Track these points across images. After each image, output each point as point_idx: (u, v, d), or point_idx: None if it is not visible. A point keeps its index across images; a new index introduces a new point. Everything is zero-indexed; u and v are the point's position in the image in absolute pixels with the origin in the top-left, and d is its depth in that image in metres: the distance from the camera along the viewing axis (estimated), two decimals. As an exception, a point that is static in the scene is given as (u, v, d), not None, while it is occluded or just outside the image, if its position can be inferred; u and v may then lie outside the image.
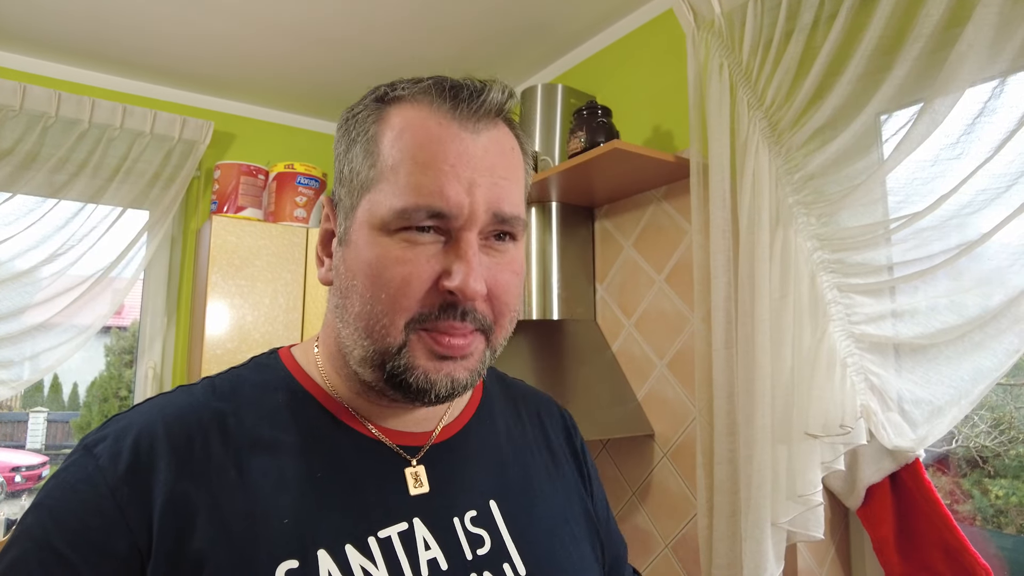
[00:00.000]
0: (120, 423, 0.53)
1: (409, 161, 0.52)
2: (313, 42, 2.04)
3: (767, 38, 1.32)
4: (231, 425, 0.54)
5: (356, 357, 0.55)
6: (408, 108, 0.54)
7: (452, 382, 0.54)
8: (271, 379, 0.59)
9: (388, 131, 0.54)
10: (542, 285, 1.86)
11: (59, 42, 2.02)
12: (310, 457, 0.54)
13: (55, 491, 0.50)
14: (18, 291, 1.99)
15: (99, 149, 2.12)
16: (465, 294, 0.51)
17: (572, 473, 0.71)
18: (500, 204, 0.53)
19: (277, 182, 2.24)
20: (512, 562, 0.57)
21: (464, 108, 0.53)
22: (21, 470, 2.55)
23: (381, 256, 0.52)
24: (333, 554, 0.50)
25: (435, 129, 0.53)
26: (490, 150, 0.54)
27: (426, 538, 0.55)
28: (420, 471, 0.58)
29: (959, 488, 1.33)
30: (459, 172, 0.52)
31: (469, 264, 0.51)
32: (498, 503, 0.60)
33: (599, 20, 1.91)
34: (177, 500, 0.49)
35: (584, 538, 0.66)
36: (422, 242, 0.52)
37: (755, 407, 1.25)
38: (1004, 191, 1.04)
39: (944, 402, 1.12)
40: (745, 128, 1.34)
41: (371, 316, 0.52)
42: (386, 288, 0.52)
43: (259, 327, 2.08)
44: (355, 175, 0.55)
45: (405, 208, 0.51)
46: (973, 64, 1.01)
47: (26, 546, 0.47)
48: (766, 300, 1.26)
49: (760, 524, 1.21)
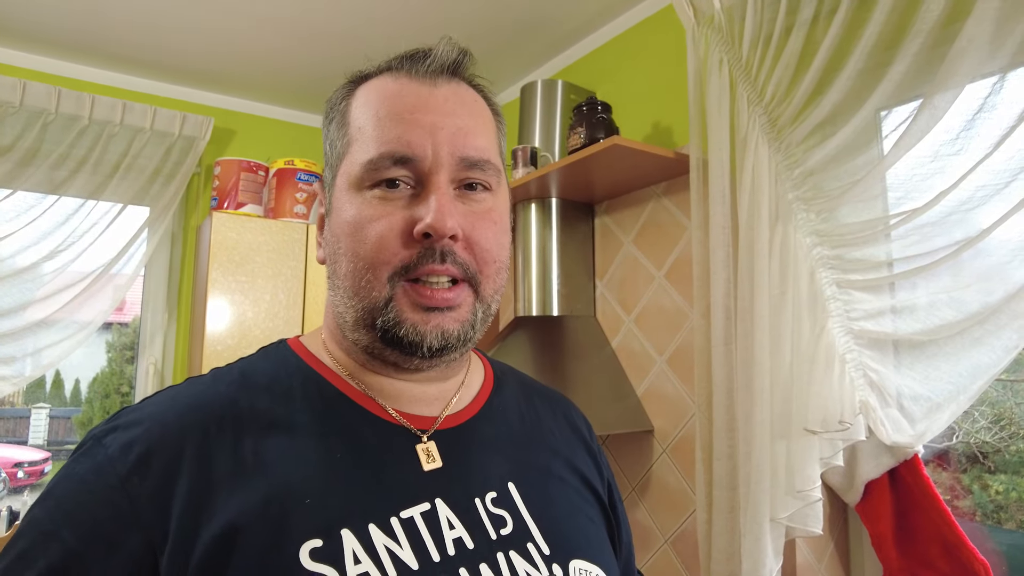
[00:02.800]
0: (131, 415, 0.53)
1: (373, 118, 0.56)
2: (313, 37, 2.03)
3: (767, 33, 1.32)
4: (244, 410, 0.54)
5: (350, 322, 0.56)
6: (372, 81, 0.59)
7: (443, 334, 0.54)
8: (281, 364, 0.60)
9: (355, 102, 0.58)
10: (542, 281, 1.86)
11: (59, 38, 2.02)
12: (327, 438, 0.54)
13: (63, 482, 0.49)
14: (19, 287, 1.99)
15: (99, 145, 2.11)
16: (436, 230, 0.52)
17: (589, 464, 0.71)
18: (465, 148, 0.55)
19: (277, 178, 2.24)
20: (535, 541, 0.57)
21: (419, 67, 0.57)
22: (23, 466, 2.57)
23: (357, 214, 0.54)
24: (357, 533, 0.50)
25: (394, 87, 0.57)
26: (450, 99, 0.57)
27: (449, 518, 0.54)
28: (431, 447, 0.58)
29: (959, 484, 1.33)
30: (419, 118, 0.55)
31: (439, 202, 0.53)
32: (516, 485, 0.60)
33: (599, 16, 1.91)
34: (194, 489, 0.48)
35: (601, 524, 0.66)
36: (394, 197, 0.54)
37: (754, 403, 1.25)
38: (1004, 187, 1.04)
39: (943, 398, 1.12)
40: (745, 124, 1.33)
41: (356, 273, 0.54)
42: (364, 243, 0.54)
43: (259, 323, 2.08)
44: (333, 148, 0.59)
45: (371, 159, 0.54)
46: (973, 60, 1.01)
47: (33, 538, 0.46)
48: (765, 296, 1.26)
49: (759, 520, 1.21)
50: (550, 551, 0.57)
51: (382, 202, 0.54)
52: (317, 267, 2.20)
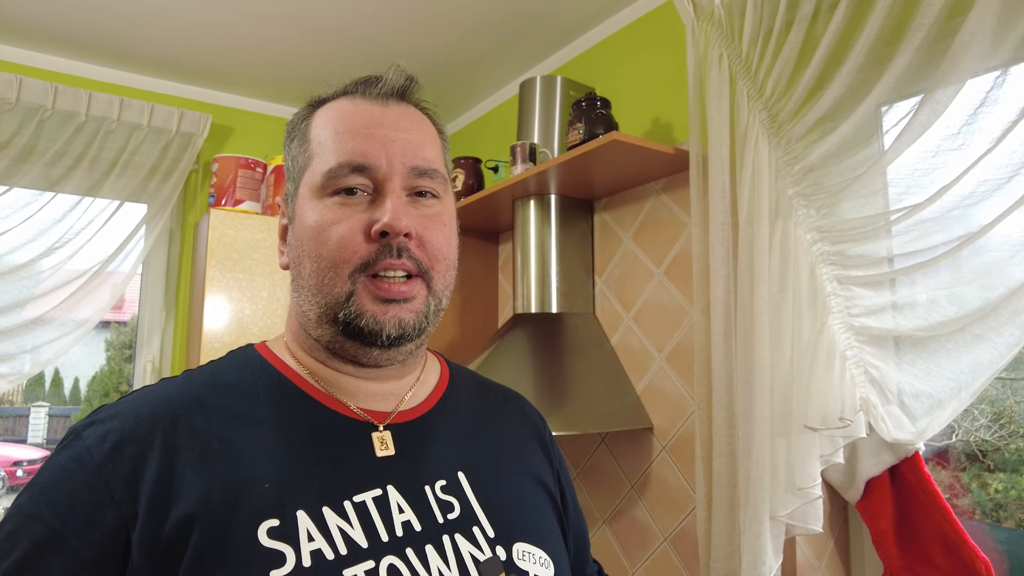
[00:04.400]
0: (108, 410, 0.57)
1: (332, 133, 0.62)
2: (311, 34, 2.03)
3: (767, 28, 1.31)
4: (212, 405, 0.59)
5: (313, 319, 0.62)
6: (330, 104, 0.66)
7: (400, 322, 0.60)
8: (247, 366, 0.65)
9: (315, 121, 0.65)
10: (541, 278, 1.85)
11: (56, 34, 2.01)
12: (287, 430, 0.59)
13: (46, 471, 0.54)
14: (17, 285, 1.99)
15: (96, 142, 2.11)
16: (393, 228, 0.58)
17: (540, 458, 0.76)
18: (415, 159, 0.62)
19: (275, 175, 2.23)
20: (481, 525, 0.62)
21: (372, 90, 0.65)
22: (22, 464, 2.56)
23: (320, 219, 0.60)
24: (311, 514, 0.54)
25: (350, 107, 0.64)
26: (400, 116, 0.64)
27: (399, 503, 0.59)
28: (386, 436, 0.63)
29: (958, 482, 1.33)
30: (373, 133, 0.62)
31: (394, 204, 0.59)
32: (466, 474, 0.65)
33: (598, 11, 1.90)
34: (163, 472, 0.53)
35: (550, 512, 0.71)
36: (353, 203, 0.60)
37: (754, 400, 1.25)
38: (1005, 182, 1.03)
39: (944, 395, 1.11)
40: (745, 119, 1.33)
41: (319, 272, 0.60)
42: (327, 244, 0.59)
43: (257, 320, 2.08)
44: (295, 163, 0.66)
45: (331, 168, 0.60)
46: (975, 54, 1.00)
47: (19, 520, 0.51)
48: (765, 293, 1.26)
49: (759, 517, 1.21)
50: (495, 534, 0.62)
51: (342, 207, 0.60)
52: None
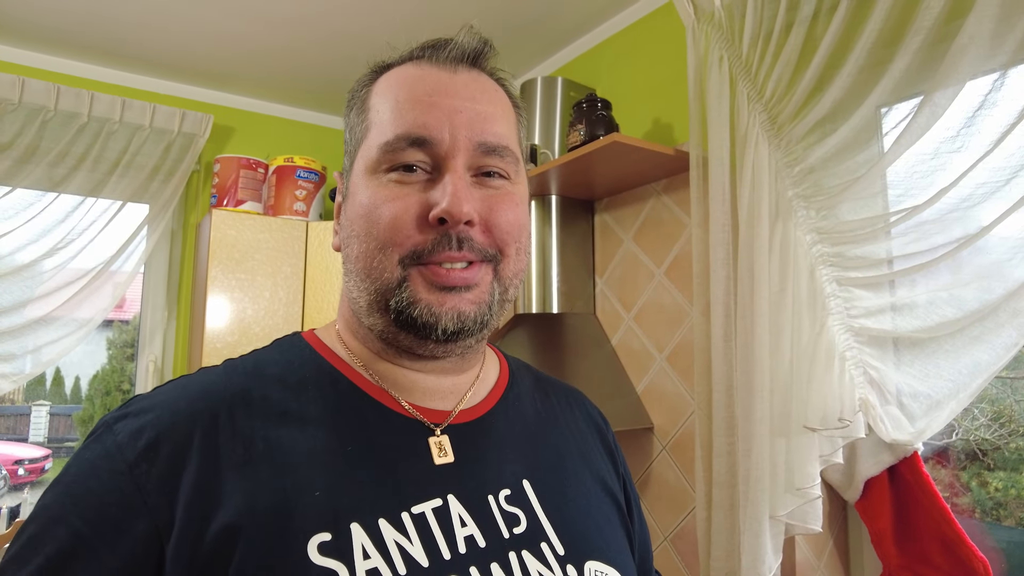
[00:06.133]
0: (143, 401, 0.52)
1: (392, 102, 0.55)
2: (312, 35, 2.03)
3: (767, 30, 1.32)
4: (256, 400, 0.53)
5: (364, 306, 0.55)
6: (394, 70, 0.58)
7: (459, 315, 0.53)
8: (295, 357, 0.59)
9: (376, 89, 0.58)
10: (542, 278, 1.86)
11: (58, 35, 2.02)
12: (339, 430, 0.53)
13: (74, 468, 0.49)
14: (19, 285, 1.99)
15: (98, 143, 2.11)
16: (452, 216, 0.51)
17: (606, 461, 0.69)
18: (483, 133, 0.54)
19: (277, 175, 2.24)
20: (549, 541, 0.56)
21: (440, 54, 0.57)
22: (24, 463, 2.57)
23: (373, 197, 0.54)
24: (367, 527, 0.49)
25: (415, 73, 0.56)
26: (470, 85, 0.56)
27: (462, 515, 0.53)
28: (444, 441, 0.57)
29: (958, 481, 1.33)
30: (438, 102, 0.54)
31: (455, 186, 0.52)
32: (531, 483, 0.58)
33: (599, 12, 1.90)
34: (202, 477, 0.48)
35: (617, 523, 0.65)
36: (410, 180, 0.54)
37: (754, 400, 1.25)
38: (1004, 184, 1.03)
39: (942, 396, 1.12)
40: (745, 121, 1.33)
41: (367, 255, 0.53)
42: (377, 224, 0.53)
43: (259, 321, 2.08)
44: (352, 135, 0.59)
45: (388, 140, 0.53)
46: (974, 57, 1.01)
47: (43, 522, 0.47)
48: (765, 294, 1.26)
49: (758, 517, 1.22)
50: (565, 551, 0.56)
51: (398, 185, 0.53)
52: (317, 264, 2.20)
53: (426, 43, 0.58)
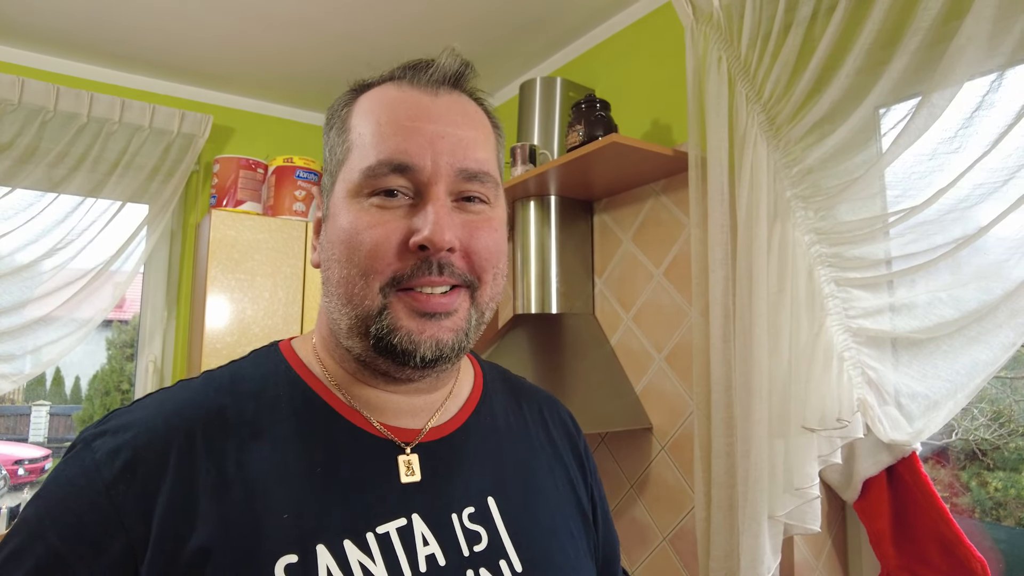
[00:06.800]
0: (121, 419, 0.53)
1: (373, 125, 0.55)
2: (312, 35, 2.03)
3: (765, 31, 1.32)
4: (231, 418, 0.54)
5: (343, 329, 0.56)
6: (375, 90, 0.58)
7: (437, 343, 0.54)
8: (270, 372, 0.59)
9: (356, 109, 0.58)
10: (541, 279, 1.86)
11: (58, 36, 2.02)
12: (310, 450, 0.54)
13: (52, 484, 0.50)
14: (19, 285, 2.00)
15: (98, 143, 2.11)
16: (434, 243, 0.51)
17: (575, 471, 0.71)
18: (465, 159, 0.55)
19: (276, 176, 2.24)
20: (508, 558, 0.57)
21: (421, 77, 0.57)
22: (24, 463, 2.57)
23: (354, 221, 0.54)
24: (332, 549, 0.50)
25: (396, 95, 0.56)
26: (451, 109, 0.56)
27: (424, 534, 0.54)
28: (413, 460, 0.58)
29: (957, 481, 1.33)
30: (420, 127, 0.54)
31: (436, 214, 0.52)
32: (496, 500, 0.60)
33: (598, 13, 1.91)
34: (177, 498, 0.49)
35: (581, 536, 0.66)
36: (391, 206, 0.54)
37: (752, 401, 1.25)
38: (1002, 185, 1.03)
39: (941, 396, 1.12)
40: (743, 122, 1.33)
41: (348, 281, 0.54)
42: (358, 252, 0.53)
43: (259, 321, 2.09)
44: (333, 155, 0.59)
45: (370, 165, 0.53)
46: (971, 57, 1.01)
47: (23, 538, 0.48)
48: (764, 294, 1.26)
49: (757, 517, 1.22)
50: (522, 568, 0.57)
51: (379, 211, 0.53)
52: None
53: (407, 63, 0.58)
